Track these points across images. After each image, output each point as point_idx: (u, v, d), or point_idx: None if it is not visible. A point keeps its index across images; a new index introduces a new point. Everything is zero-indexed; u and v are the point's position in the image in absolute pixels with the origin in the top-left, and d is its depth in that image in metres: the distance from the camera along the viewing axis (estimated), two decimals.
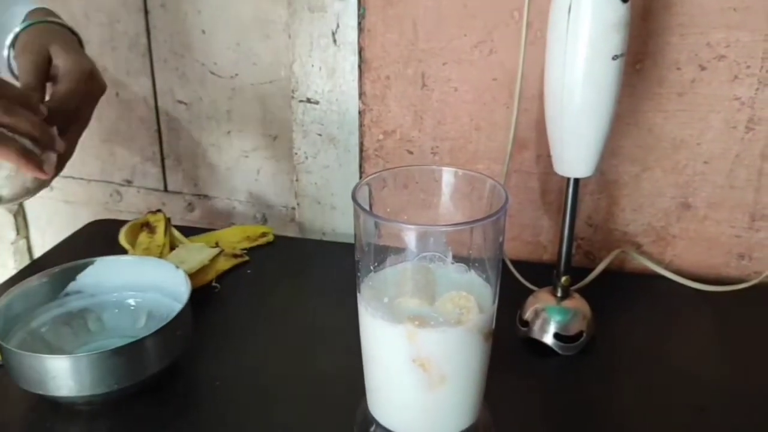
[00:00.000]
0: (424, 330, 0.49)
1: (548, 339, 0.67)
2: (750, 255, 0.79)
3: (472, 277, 0.53)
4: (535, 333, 0.68)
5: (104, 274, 0.69)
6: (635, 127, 0.77)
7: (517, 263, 0.78)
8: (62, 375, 0.56)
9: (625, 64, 0.74)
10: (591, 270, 0.79)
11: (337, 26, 0.83)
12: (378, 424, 0.55)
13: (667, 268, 0.80)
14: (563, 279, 0.69)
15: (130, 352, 0.57)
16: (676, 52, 0.73)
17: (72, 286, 0.68)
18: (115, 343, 0.57)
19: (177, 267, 0.67)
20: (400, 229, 0.50)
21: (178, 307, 0.61)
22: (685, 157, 0.77)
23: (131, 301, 0.69)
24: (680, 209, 0.80)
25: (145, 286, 0.69)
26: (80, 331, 0.67)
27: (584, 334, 0.68)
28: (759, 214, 0.77)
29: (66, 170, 1.14)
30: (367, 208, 0.52)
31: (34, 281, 0.66)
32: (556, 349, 0.67)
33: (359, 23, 0.82)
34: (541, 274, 0.74)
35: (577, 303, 0.70)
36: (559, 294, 0.69)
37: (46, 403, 0.60)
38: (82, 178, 1.15)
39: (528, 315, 0.69)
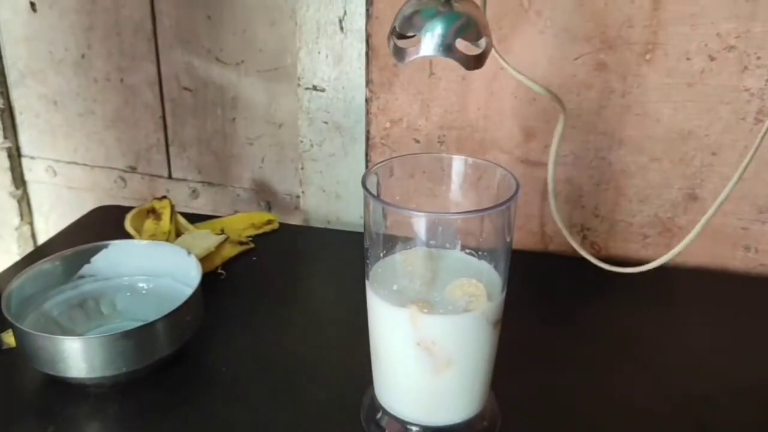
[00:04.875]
0: (428, 314, 0.49)
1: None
2: (756, 247, 0.79)
3: (482, 265, 0.53)
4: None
5: (117, 258, 0.69)
6: (644, 117, 0.77)
7: (521, 253, 0.78)
8: (73, 356, 0.56)
9: (636, 54, 0.74)
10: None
11: (345, 13, 0.82)
12: (384, 411, 0.56)
13: (673, 258, 0.80)
14: None
15: (140, 335, 0.57)
16: (686, 42, 0.73)
17: (86, 269, 0.68)
18: (127, 327, 0.57)
19: (189, 253, 0.67)
20: (410, 217, 0.50)
21: (188, 292, 0.61)
22: (693, 148, 0.77)
23: (143, 285, 0.70)
24: (687, 200, 0.79)
25: (157, 271, 0.69)
26: (93, 314, 0.68)
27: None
28: (767, 206, 0.77)
29: (69, 156, 1.15)
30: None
31: (47, 264, 0.66)
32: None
33: (367, 10, 0.81)
34: (545, 265, 0.74)
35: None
36: None
37: (57, 385, 0.60)
38: (85, 164, 1.15)
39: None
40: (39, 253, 0.82)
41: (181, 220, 0.84)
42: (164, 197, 0.84)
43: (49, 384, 0.61)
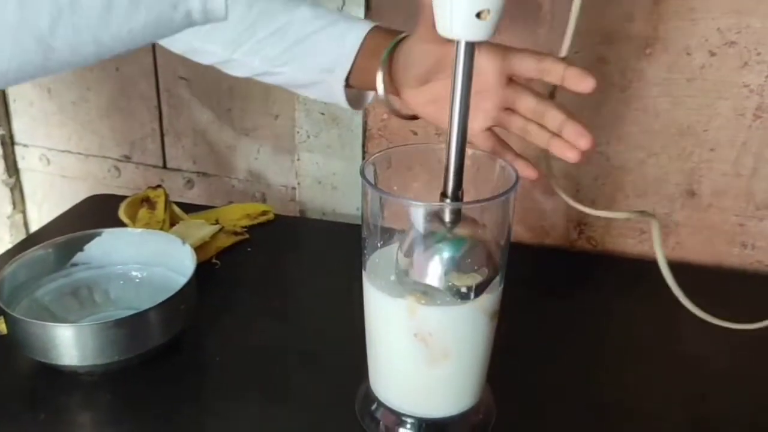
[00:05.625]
0: (426, 305, 0.49)
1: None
2: (753, 244, 0.79)
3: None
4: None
5: (111, 246, 0.68)
6: (643, 112, 0.77)
7: (519, 247, 0.77)
8: (65, 343, 0.56)
9: (635, 49, 0.74)
10: (594, 255, 0.79)
11: (343, 3, 0.82)
12: (379, 402, 0.55)
13: (669, 255, 0.80)
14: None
15: (132, 324, 0.57)
16: (687, 37, 0.73)
17: (79, 257, 0.68)
18: (120, 315, 0.57)
19: (183, 242, 0.67)
20: (408, 207, 0.50)
21: (182, 281, 0.60)
22: (692, 144, 0.77)
23: (137, 274, 0.69)
24: (685, 196, 0.79)
25: (151, 260, 0.69)
26: (86, 303, 0.67)
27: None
28: (764, 202, 0.77)
29: (63, 144, 1.14)
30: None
31: (40, 250, 0.66)
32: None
33: (366, 1, 0.81)
34: (543, 258, 0.74)
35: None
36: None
37: (49, 372, 0.60)
38: (80, 153, 1.14)
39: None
40: (31, 241, 0.81)
41: (176, 209, 0.84)
42: (159, 186, 0.83)
43: (41, 371, 0.60)
